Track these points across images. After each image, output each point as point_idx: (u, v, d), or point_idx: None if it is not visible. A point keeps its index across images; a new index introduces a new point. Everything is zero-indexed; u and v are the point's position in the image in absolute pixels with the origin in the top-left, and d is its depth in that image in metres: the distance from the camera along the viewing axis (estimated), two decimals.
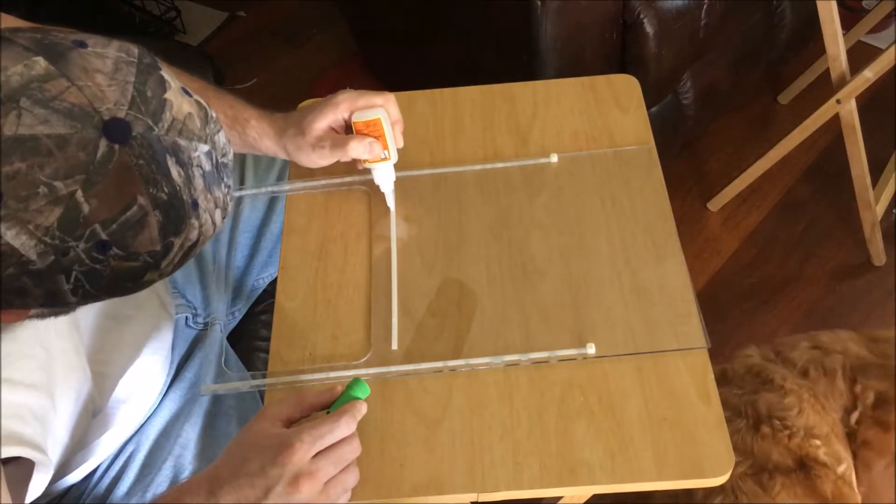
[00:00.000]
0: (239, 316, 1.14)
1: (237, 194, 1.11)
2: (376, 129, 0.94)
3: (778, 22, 1.84)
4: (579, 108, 1.10)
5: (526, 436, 0.83)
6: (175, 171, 0.60)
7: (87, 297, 0.61)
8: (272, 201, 1.13)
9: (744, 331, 1.70)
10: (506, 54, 1.56)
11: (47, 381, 0.77)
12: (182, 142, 0.61)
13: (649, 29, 1.52)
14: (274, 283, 1.05)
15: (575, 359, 0.88)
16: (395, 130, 0.97)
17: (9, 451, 0.70)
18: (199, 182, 0.62)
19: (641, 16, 1.51)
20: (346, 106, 0.94)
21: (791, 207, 1.89)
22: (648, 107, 1.15)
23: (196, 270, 1.10)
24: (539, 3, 1.41)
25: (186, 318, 1.07)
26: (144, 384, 0.95)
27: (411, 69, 1.90)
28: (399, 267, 0.97)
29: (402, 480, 0.81)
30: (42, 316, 0.66)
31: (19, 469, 0.74)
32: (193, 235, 0.63)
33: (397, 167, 1.01)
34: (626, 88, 1.12)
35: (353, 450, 0.77)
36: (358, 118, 0.94)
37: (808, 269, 1.79)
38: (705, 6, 1.58)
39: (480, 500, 0.82)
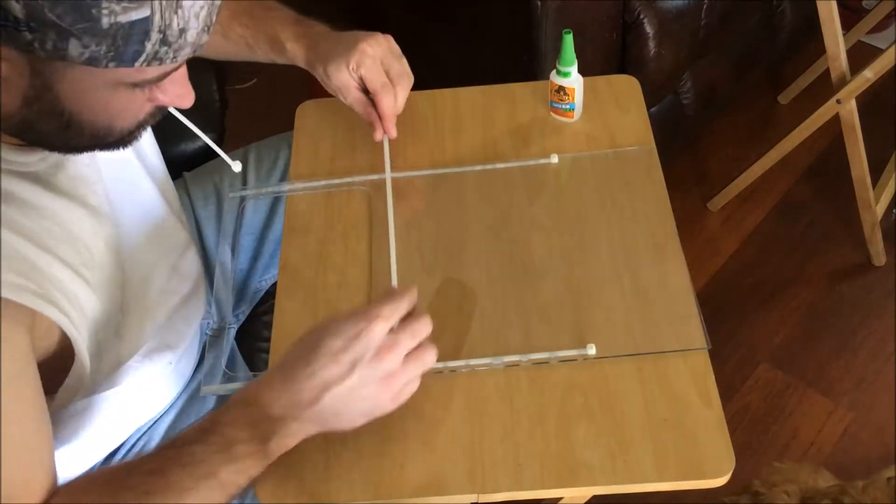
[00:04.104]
0: (242, 318, 1.14)
1: (240, 195, 1.11)
2: None
3: (778, 22, 1.85)
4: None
5: (526, 436, 0.83)
6: None
7: None
8: (275, 204, 1.13)
9: (744, 331, 1.70)
10: (506, 54, 1.56)
11: (98, 283, 0.77)
12: None
13: (649, 29, 1.52)
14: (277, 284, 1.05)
15: (575, 359, 0.88)
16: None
17: (44, 308, 0.68)
18: None
19: (641, 16, 1.51)
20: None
21: (791, 207, 1.89)
22: (648, 107, 1.15)
23: (205, 275, 1.11)
24: (539, 3, 1.41)
25: (207, 322, 1.08)
26: (157, 383, 0.96)
27: (411, 69, 1.90)
28: (399, 267, 0.96)
29: (403, 481, 0.81)
30: None
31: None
32: None
33: (397, 168, 1.01)
34: (626, 88, 1.12)
35: (426, 324, 0.77)
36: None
37: (808, 269, 1.79)
38: (705, 6, 1.59)
39: (481, 500, 0.82)
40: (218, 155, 0.97)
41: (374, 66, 0.97)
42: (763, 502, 1.16)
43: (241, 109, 1.65)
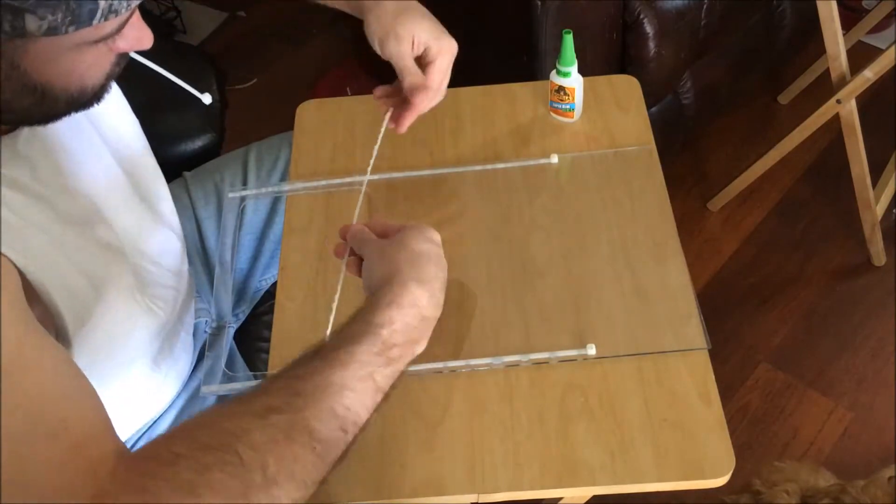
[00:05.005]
0: (242, 317, 1.14)
1: (240, 195, 1.11)
2: None
3: (778, 22, 1.84)
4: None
5: (526, 436, 0.83)
6: None
7: None
8: (275, 204, 1.13)
9: (744, 331, 1.70)
10: (506, 54, 1.56)
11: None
12: None
13: (649, 29, 1.52)
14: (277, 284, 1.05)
15: (575, 359, 0.88)
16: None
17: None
18: None
19: (641, 16, 1.51)
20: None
21: (791, 207, 1.89)
22: (648, 107, 1.15)
23: (205, 274, 1.11)
24: (539, 3, 1.41)
25: (206, 321, 1.08)
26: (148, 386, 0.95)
27: None
28: None
29: (403, 481, 0.81)
30: None
31: None
32: None
33: (398, 168, 1.01)
34: (626, 88, 1.12)
35: None
36: None
37: (808, 269, 1.79)
38: (705, 6, 1.58)
39: (481, 500, 0.82)
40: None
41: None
42: (763, 501, 1.16)
43: (241, 109, 1.65)
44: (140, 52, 0.73)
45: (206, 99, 0.90)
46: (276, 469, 0.59)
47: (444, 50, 0.93)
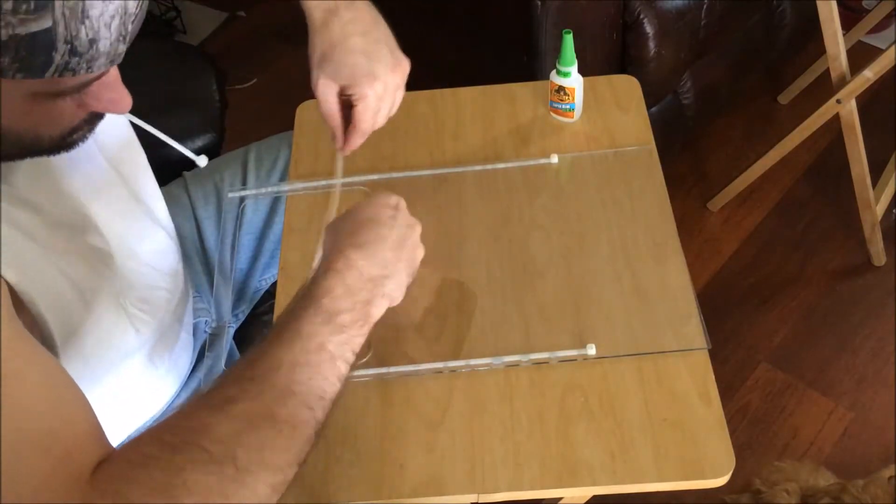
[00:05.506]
0: (242, 318, 1.14)
1: (239, 195, 1.11)
2: None
3: (778, 22, 1.85)
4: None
5: (526, 436, 0.83)
6: None
7: None
8: (275, 204, 1.13)
9: (744, 331, 1.70)
10: (506, 54, 1.56)
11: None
12: None
13: (649, 29, 1.52)
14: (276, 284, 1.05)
15: (575, 359, 0.88)
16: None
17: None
18: None
19: (641, 16, 1.51)
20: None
21: (791, 207, 1.89)
22: (648, 107, 1.15)
23: (205, 274, 1.11)
24: (539, 3, 1.41)
25: (206, 321, 1.07)
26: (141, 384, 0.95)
27: (411, 69, 1.90)
28: None
29: (403, 481, 0.81)
30: None
31: None
32: None
33: (398, 168, 1.01)
34: (626, 88, 1.12)
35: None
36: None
37: (808, 269, 1.79)
38: (705, 6, 1.59)
39: (480, 500, 0.82)
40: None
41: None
42: (764, 501, 1.16)
43: (241, 109, 1.65)
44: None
45: (202, 161, 0.92)
46: (246, 459, 0.59)
47: (365, 94, 0.89)
